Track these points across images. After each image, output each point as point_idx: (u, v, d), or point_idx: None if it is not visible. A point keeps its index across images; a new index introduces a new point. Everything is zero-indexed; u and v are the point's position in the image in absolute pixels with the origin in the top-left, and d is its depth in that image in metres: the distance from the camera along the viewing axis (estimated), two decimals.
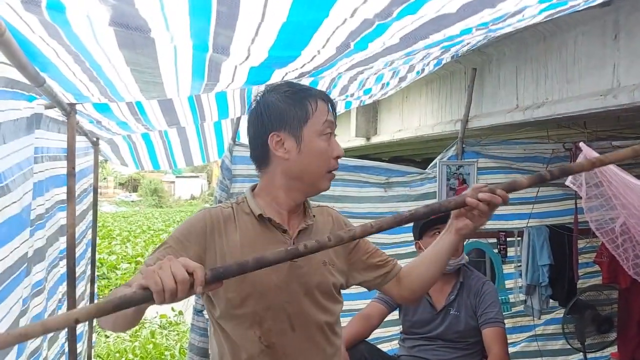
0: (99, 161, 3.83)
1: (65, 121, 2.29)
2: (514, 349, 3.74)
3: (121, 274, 10.47)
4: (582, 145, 2.37)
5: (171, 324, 7.18)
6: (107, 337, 6.51)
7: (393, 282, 1.52)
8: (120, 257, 12.00)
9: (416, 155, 8.26)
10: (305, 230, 1.40)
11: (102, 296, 9.12)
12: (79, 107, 2.17)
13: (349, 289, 1.53)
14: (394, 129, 5.32)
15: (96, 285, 4.02)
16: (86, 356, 3.53)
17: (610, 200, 2.38)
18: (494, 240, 3.76)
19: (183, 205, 36.55)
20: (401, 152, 7.83)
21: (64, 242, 2.50)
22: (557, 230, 3.68)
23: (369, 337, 2.65)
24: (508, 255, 3.74)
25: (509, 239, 3.75)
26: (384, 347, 3.63)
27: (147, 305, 1.05)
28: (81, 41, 1.33)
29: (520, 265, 3.73)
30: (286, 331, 1.34)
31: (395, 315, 2.78)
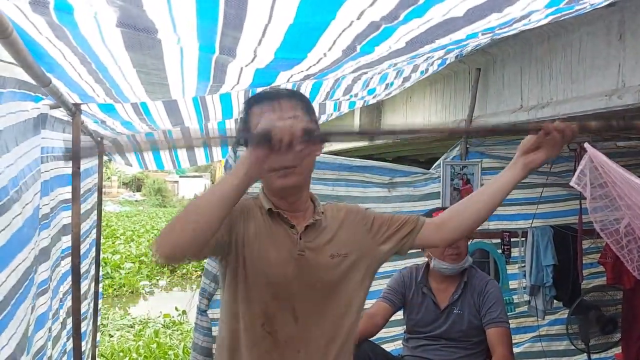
0: (103, 161, 3.84)
1: (69, 121, 2.29)
2: (518, 349, 3.74)
3: (125, 273, 10.49)
4: (586, 145, 2.36)
5: (174, 324, 7.19)
6: (111, 336, 6.53)
7: (428, 231, 1.51)
8: (124, 256, 12.03)
9: (420, 156, 8.25)
10: (312, 226, 1.42)
11: (106, 295, 9.15)
12: (83, 107, 2.18)
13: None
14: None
15: (100, 285, 4.03)
16: (90, 355, 3.54)
17: (615, 201, 2.38)
18: (497, 241, 3.75)
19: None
20: (405, 152, 7.83)
21: (67, 241, 2.51)
22: (561, 231, 3.67)
23: (374, 336, 2.65)
24: (512, 255, 3.74)
25: (513, 239, 3.74)
26: (387, 347, 3.62)
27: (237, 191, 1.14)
28: (88, 42, 1.33)
29: (524, 266, 3.72)
30: (289, 322, 1.38)
31: (399, 315, 2.78)
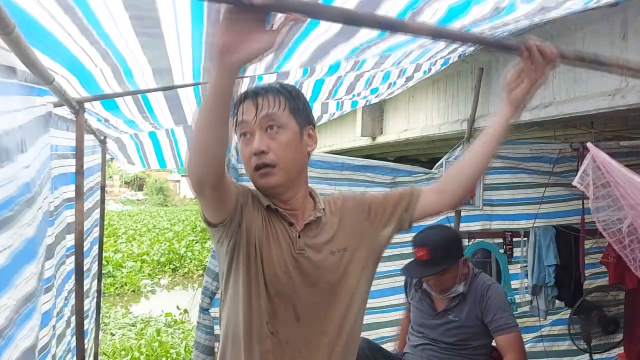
0: (106, 159, 3.85)
1: (73, 119, 2.30)
2: None
3: (127, 272, 10.52)
4: (589, 145, 2.36)
5: (176, 322, 7.21)
6: (113, 335, 6.54)
7: (428, 199, 1.46)
8: (126, 255, 12.07)
9: (422, 155, 8.25)
10: (312, 223, 1.39)
11: (107, 294, 9.18)
12: (87, 105, 2.18)
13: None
14: (400, 128, 5.32)
15: (102, 283, 4.04)
16: (92, 354, 3.55)
17: (618, 201, 2.37)
18: (500, 241, 3.75)
19: (188, 204, 36.62)
20: (407, 152, 7.83)
21: (71, 239, 2.51)
22: (563, 231, 3.67)
23: None
24: (514, 255, 3.74)
25: (515, 239, 3.75)
26: (389, 346, 3.63)
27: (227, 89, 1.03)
28: (96, 16, 1.34)
29: (527, 266, 3.72)
30: (291, 321, 1.34)
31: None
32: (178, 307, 7.75)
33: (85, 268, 2.76)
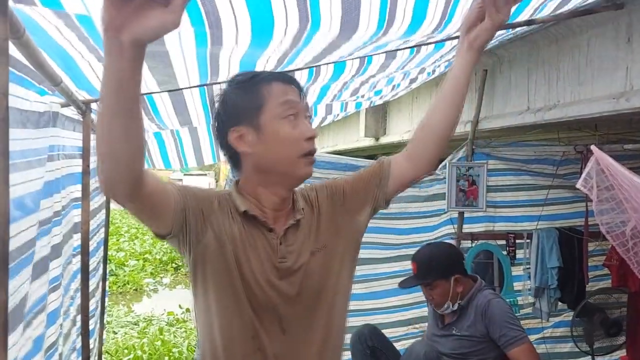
0: None
1: (80, 120, 2.31)
2: None
3: (129, 270, 10.54)
4: (593, 148, 2.37)
5: (178, 321, 7.22)
6: (116, 333, 6.56)
7: (399, 168, 1.35)
8: (129, 254, 12.07)
9: None
10: (292, 227, 1.28)
11: (110, 292, 9.20)
12: (94, 105, 2.20)
13: (354, 290, 1.44)
14: (403, 129, 5.32)
15: (107, 282, 4.06)
16: (97, 353, 3.57)
17: (621, 203, 2.38)
18: (502, 242, 3.76)
19: None
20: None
21: (78, 239, 2.53)
22: (566, 233, 3.67)
23: None
24: (517, 257, 3.74)
25: (518, 241, 3.75)
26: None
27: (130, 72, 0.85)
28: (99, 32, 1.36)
29: (529, 268, 3.73)
30: (277, 334, 1.25)
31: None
32: (180, 306, 7.76)
33: (92, 268, 2.77)
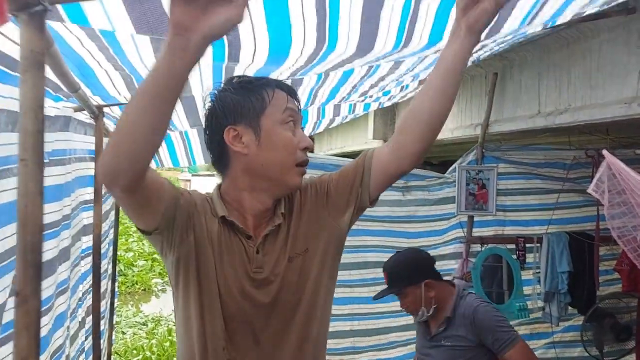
0: None
1: (91, 123, 2.33)
2: None
3: (138, 271, 10.59)
4: (605, 152, 2.35)
5: None
6: (124, 333, 6.59)
7: (382, 163, 1.23)
8: (137, 254, 12.14)
9: (433, 158, 8.22)
10: (272, 234, 1.22)
11: (119, 293, 9.24)
12: (106, 109, 2.22)
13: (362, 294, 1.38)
14: None
15: (116, 283, 4.08)
16: (106, 353, 3.59)
17: (633, 208, 2.36)
18: (512, 246, 3.74)
19: None
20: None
21: (86, 241, 2.55)
22: (576, 237, 3.65)
23: None
24: (527, 261, 3.72)
25: (527, 245, 3.72)
26: (400, 350, 3.65)
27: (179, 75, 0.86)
28: (123, 50, 1.38)
29: (539, 272, 3.71)
30: (250, 346, 1.20)
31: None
32: None
33: (102, 269, 2.79)
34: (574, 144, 3.83)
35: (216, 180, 1.33)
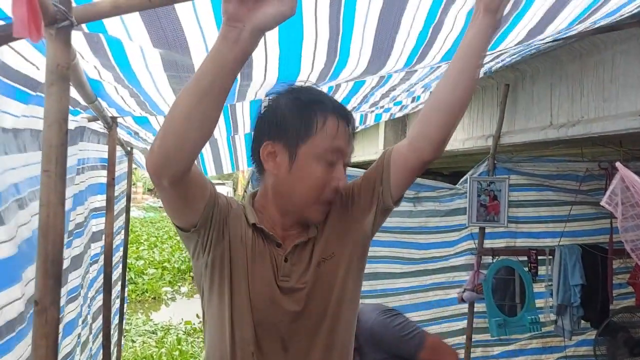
0: (132, 169, 3.93)
1: (105, 133, 2.35)
2: None
3: (148, 279, 10.62)
4: (618, 165, 2.33)
5: (196, 331, 7.25)
6: (134, 342, 6.60)
7: (402, 159, 1.22)
8: (148, 262, 12.17)
9: (444, 169, 8.19)
10: (301, 245, 1.22)
11: (129, 301, 9.27)
12: (119, 119, 2.24)
13: None
14: None
15: (126, 290, 4.10)
16: None
17: None
18: (524, 259, 3.71)
19: None
20: (428, 165, 7.78)
21: (96, 248, 2.56)
22: (589, 250, 3.61)
23: None
24: (539, 274, 3.69)
25: (540, 257, 3.70)
26: None
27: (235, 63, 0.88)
28: (132, 68, 1.40)
29: (551, 285, 3.67)
30: (278, 352, 1.20)
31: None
32: (198, 316, 7.78)
33: (113, 278, 2.80)
34: (586, 155, 3.80)
35: (227, 188, 1.33)
